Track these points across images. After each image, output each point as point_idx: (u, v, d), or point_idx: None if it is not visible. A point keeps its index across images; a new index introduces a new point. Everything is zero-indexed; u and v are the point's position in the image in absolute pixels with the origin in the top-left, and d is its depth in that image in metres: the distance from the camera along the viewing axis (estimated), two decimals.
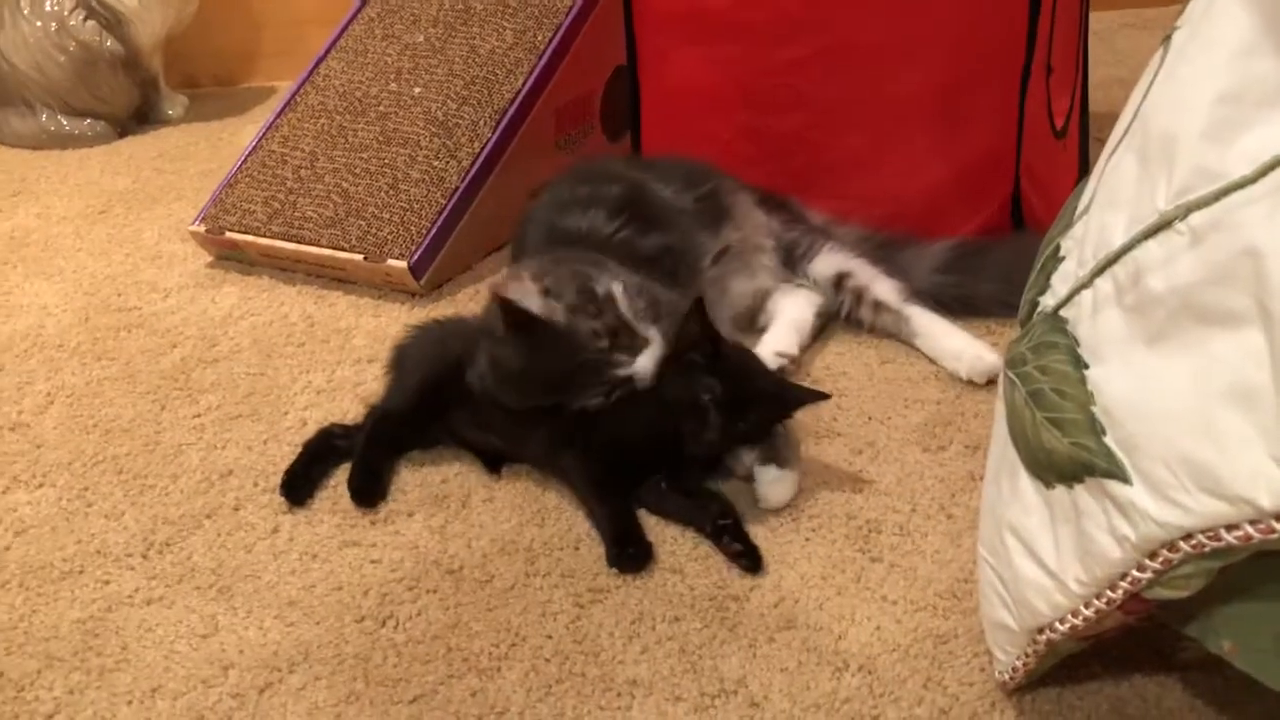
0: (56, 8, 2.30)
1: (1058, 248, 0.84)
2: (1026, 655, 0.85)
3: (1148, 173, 0.74)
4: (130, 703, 0.97)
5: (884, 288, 1.45)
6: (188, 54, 2.67)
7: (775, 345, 1.39)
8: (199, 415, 1.38)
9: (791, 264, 1.50)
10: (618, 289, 1.17)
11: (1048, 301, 0.83)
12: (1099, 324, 0.76)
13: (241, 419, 1.37)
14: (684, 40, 1.64)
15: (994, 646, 0.90)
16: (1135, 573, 0.72)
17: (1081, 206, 0.83)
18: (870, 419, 1.31)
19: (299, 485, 1.21)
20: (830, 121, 1.60)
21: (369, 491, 1.19)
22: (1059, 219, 0.87)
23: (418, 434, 1.26)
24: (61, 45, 2.30)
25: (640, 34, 1.69)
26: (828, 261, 1.49)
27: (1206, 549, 0.68)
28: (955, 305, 1.47)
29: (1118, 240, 0.75)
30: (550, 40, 1.81)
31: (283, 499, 1.21)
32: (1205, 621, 0.80)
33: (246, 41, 2.74)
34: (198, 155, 2.26)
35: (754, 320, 1.48)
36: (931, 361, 1.40)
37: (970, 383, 1.35)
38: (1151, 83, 0.78)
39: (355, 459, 1.22)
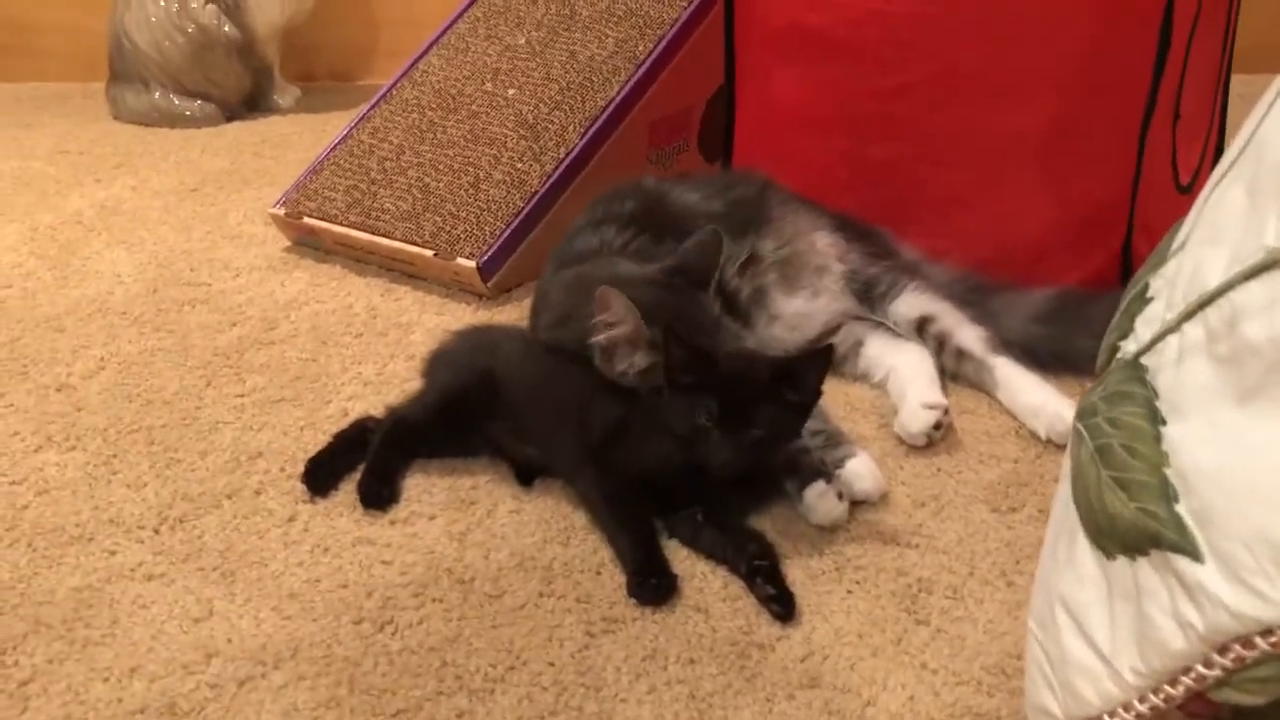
0: None
1: (1145, 287, 0.74)
2: None
3: (1257, 206, 0.64)
4: (107, 680, 0.92)
5: (969, 335, 1.35)
6: (306, 47, 2.70)
7: (923, 398, 1.26)
8: (242, 395, 1.35)
9: (870, 302, 1.40)
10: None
11: (1129, 347, 0.73)
12: (1183, 375, 0.66)
13: (284, 403, 1.33)
14: (786, 58, 1.56)
15: None
16: (1200, 668, 0.62)
17: (1178, 242, 0.73)
18: (939, 471, 1.20)
19: (321, 475, 1.16)
20: (933, 154, 1.50)
21: (376, 496, 1.14)
22: (1152, 256, 0.77)
23: (439, 443, 1.20)
24: (181, 26, 2.34)
25: (741, 48, 1.62)
26: (911, 303, 1.38)
27: None
28: (1049, 359, 1.35)
29: (1215, 281, 0.65)
30: (651, 51, 1.75)
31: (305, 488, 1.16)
32: None
33: (364, 39, 2.76)
34: (300, 144, 2.27)
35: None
36: (1015, 417, 1.29)
37: (1055, 447, 1.24)
38: (1270, 108, 0.67)
39: (367, 463, 1.17)
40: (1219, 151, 1.66)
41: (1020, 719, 0.87)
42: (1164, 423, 0.66)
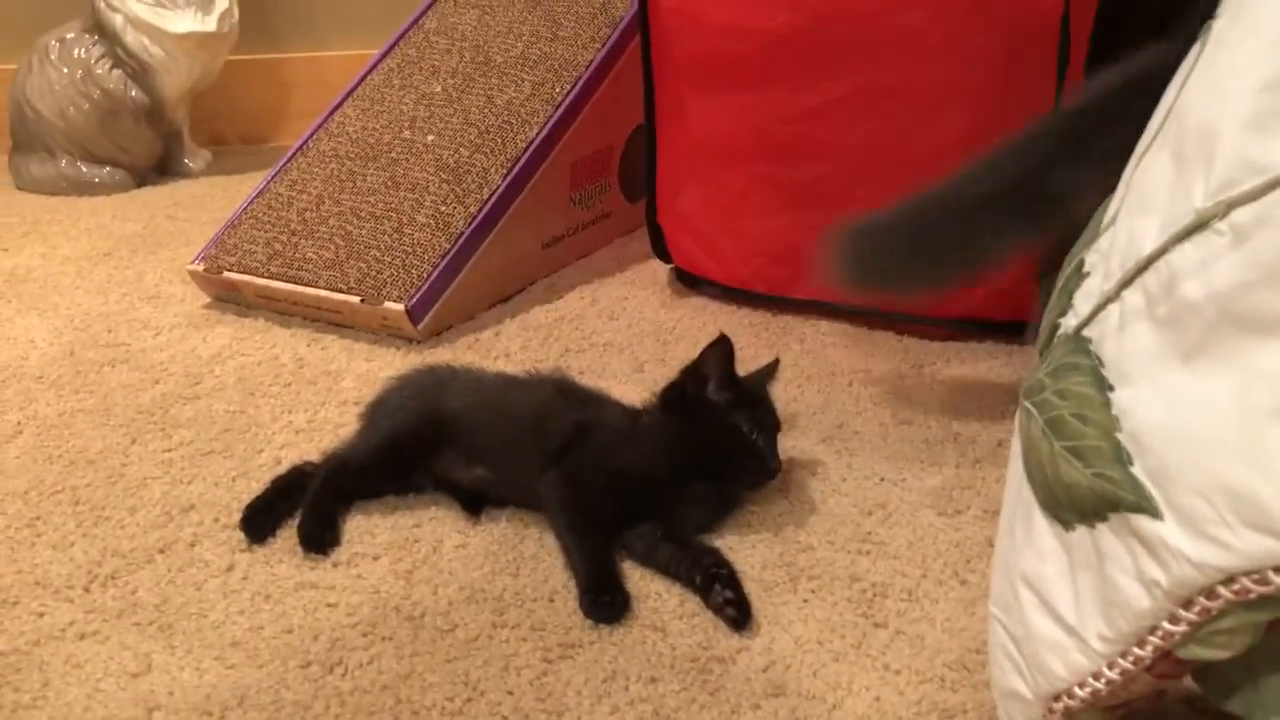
0: (84, 55, 2.30)
1: (1081, 263, 0.75)
2: None
3: (1183, 171, 0.66)
4: None
5: None
6: (216, 112, 2.67)
7: None
8: (169, 450, 1.31)
9: None
10: None
11: (1069, 322, 0.74)
12: (1126, 341, 0.67)
13: (213, 455, 1.29)
14: (702, 86, 1.59)
15: None
16: (1167, 625, 0.62)
17: (1109, 216, 0.74)
18: (882, 480, 1.21)
19: (259, 521, 1.13)
20: (852, 172, 1.52)
21: (318, 539, 1.10)
22: (1084, 234, 0.78)
23: (379, 483, 1.18)
24: (86, 93, 2.29)
25: (659, 81, 1.64)
26: None
27: (1252, 595, 0.58)
28: None
29: (1149, 247, 0.66)
30: (568, 93, 1.76)
31: (242, 536, 1.13)
32: (1251, 695, 0.68)
33: (275, 102, 2.74)
34: (213, 205, 2.23)
35: None
36: (951, 424, 1.31)
37: (994, 451, 1.25)
38: (1188, 76, 0.70)
39: (306, 505, 1.14)
40: None
41: (986, 711, 0.87)
42: (1111, 389, 0.67)
